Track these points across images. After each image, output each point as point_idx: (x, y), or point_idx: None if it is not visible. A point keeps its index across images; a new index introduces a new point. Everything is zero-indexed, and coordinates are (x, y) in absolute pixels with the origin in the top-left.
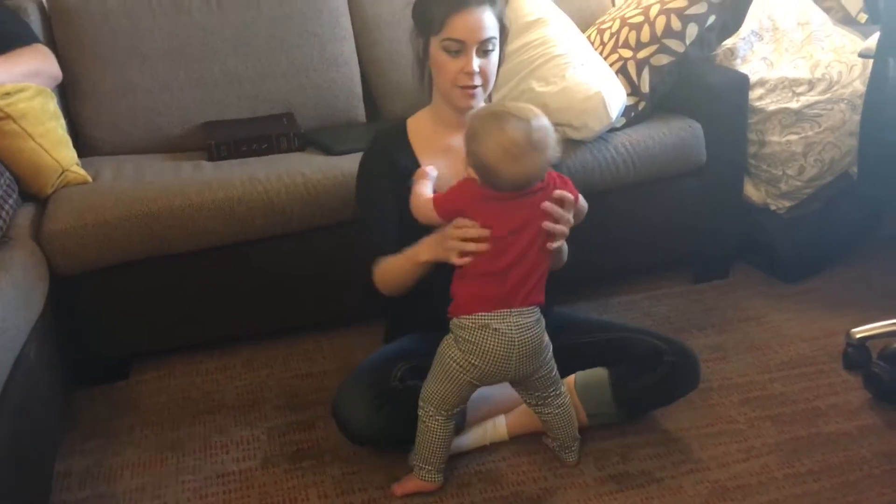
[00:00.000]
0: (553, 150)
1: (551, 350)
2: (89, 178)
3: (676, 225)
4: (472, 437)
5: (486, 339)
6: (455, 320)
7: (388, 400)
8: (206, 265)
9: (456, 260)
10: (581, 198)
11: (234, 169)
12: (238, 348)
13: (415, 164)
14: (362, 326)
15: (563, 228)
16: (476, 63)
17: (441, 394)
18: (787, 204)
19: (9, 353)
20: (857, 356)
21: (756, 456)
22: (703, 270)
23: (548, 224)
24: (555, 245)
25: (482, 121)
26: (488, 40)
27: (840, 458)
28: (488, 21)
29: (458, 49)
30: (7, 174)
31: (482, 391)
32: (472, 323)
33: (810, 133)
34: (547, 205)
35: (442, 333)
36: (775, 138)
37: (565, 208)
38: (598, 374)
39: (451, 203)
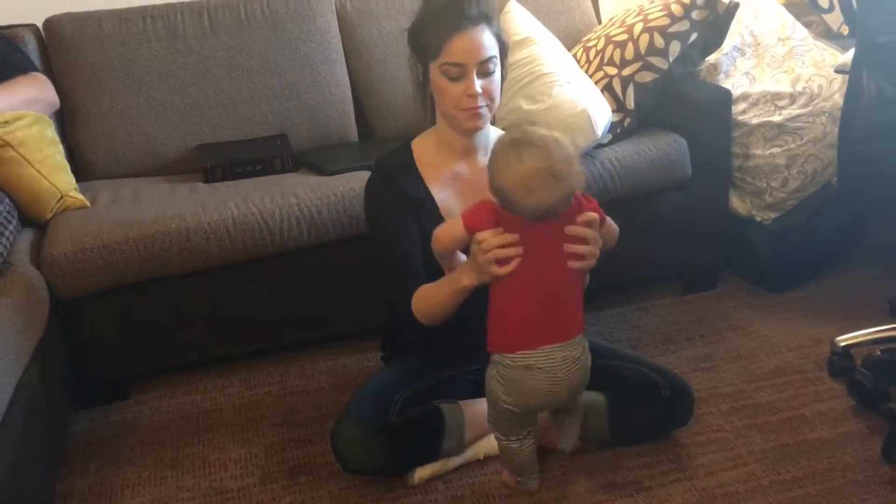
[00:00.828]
0: (576, 178)
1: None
2: (87, 203)
3: (664, 238)
4: (468, 453)
5: (531, 379)
6: (497, 357)
7: (388, 435)
8: (203, 286)
9: (497, 269)
10: (609, 220)
11: (228, 191)
12: (236, 367)
13: (426, 192)
14: (358, 343)
15: (594, 249)
16: (478, 84)
17: (500, 423)
18: (772, 215)
19: (11, 376)
20: (841, 364)
21: (743, 464)
22: (691, 282)
23: (573, 247)
24: (583, 265)
25: (502, 148)
26: (488, 60)
27: (825, 465)
28: (487, 40)
29: (459, 73)
30: (7, 200)
31: (480, 410)
32: (514, 363)
33: (793, 146)
34: (572, 228)
35: (444, 355)
36: (759, 151)
37: (592, 228)
38: (596, 400)
39: (481, 216)
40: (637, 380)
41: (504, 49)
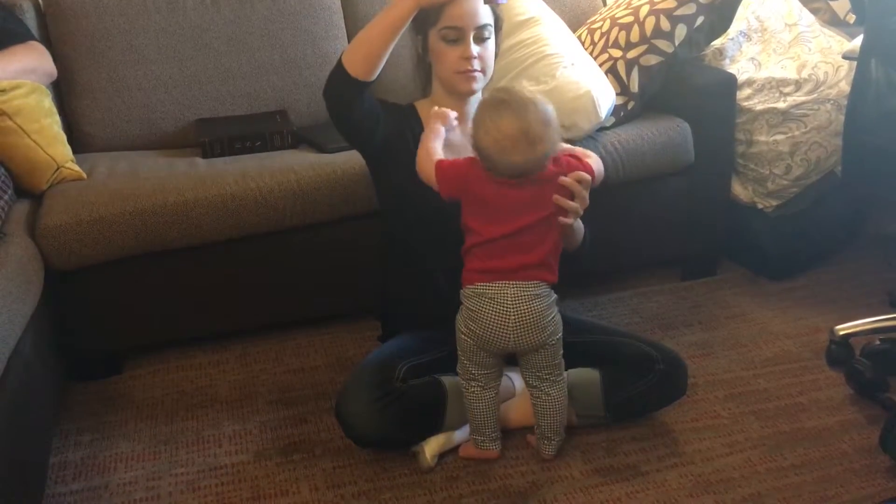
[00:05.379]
0: (551, 142)
1: (561, 332)
2: (84, 175)
3: (665, 223)
4: (466, 431)
5: (483, 307)
6: (462, 290)
7: (392, 401)
8: (199, 261)
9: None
10: (597, 167)
11: (227, 166)
12: (231, 343)
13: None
14: (354, 322)
15: (577, 206)
16: (474, 49)
17: (463, 365)
18: (774, 203)
19: (4, 347)
20: (840, 353)
21: (739, 450)
22: (690, 268)
23: (561, 200)
24: (568, 221)
25: (484, 107)
26: (484, 27)
27: (821, 453)
28: (482, 9)
29: (457, 37)
30: (2, 170)
31: None
32: (472, 292)
33: (797, 133)
34: (565, 180)
35: (440, 330)
36: (762, 138)
37: (583, 186)
38: (590, 375)
39: (454, 179)
40: (631, 353)
41: (499, 22)
